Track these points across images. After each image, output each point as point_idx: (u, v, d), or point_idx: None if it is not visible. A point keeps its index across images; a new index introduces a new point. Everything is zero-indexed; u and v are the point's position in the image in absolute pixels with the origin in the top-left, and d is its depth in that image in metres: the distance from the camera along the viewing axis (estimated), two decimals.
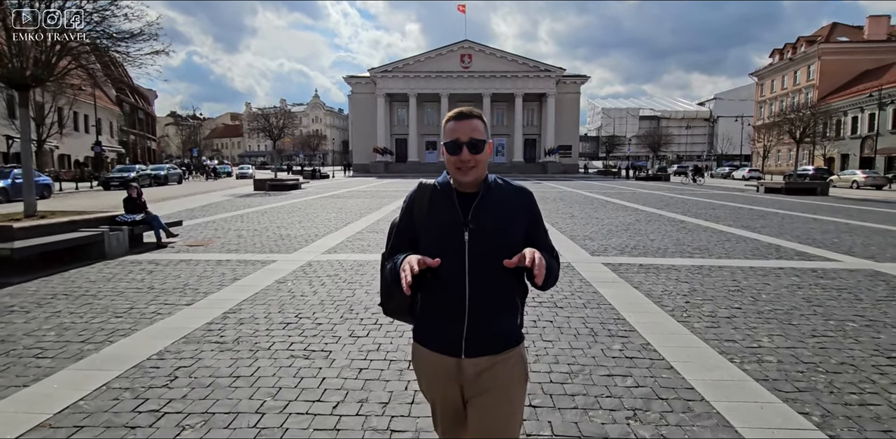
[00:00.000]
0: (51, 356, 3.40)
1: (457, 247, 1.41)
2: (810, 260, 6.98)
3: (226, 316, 4.28)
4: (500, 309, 1.46)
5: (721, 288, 5.34)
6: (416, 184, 1.57)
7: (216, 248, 7.68)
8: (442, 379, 1.46)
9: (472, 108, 1.49)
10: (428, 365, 1.49)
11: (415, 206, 1.51)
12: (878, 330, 4.00)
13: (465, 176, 1.43)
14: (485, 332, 1.43)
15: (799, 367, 3.25)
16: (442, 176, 1.54)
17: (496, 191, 1.48)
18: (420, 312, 1.52)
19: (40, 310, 4.46)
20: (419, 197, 1.52)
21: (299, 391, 2.87)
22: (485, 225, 1.41)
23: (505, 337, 1.47)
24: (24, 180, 7.15)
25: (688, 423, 2.53)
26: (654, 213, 13.40)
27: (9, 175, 17.92)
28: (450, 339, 1.43)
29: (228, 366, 3.21)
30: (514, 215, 1.46)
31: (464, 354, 1.42)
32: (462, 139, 1.42)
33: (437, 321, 1.46)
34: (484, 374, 1.43)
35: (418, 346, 1.51)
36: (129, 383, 2.97)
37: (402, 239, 1.53)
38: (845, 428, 2.49)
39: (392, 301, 1.57)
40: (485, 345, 1.43)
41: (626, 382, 3.01)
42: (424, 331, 1.50)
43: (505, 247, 1.39)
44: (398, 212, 1.56)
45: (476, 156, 1.42)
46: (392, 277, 1.45)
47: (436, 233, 1.44)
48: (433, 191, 1.51)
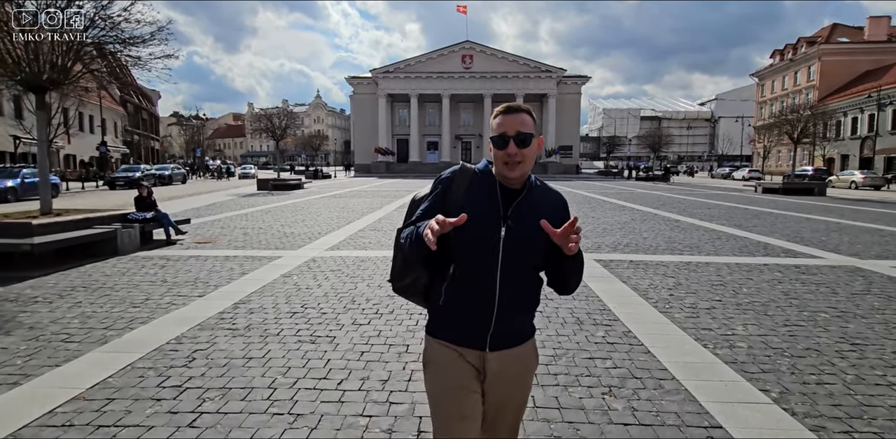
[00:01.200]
0: (77, 341, 3.69)
1: (492, 240, 1.38)
2: (795, 257, 7.24)
3: (236, 306, 4.57)
4: (526, 305, 1.48)
5: (705, 282, 5.61)
6: (457, 165, 1.52)
7: (223, 245, 7.97)
8: (461, 371, 1.44)
9: (520, 103, 1.45)
10: (448, 358, 1.45)
11: (453, 186, 1.45)
12: (848, 321, 4.27)
13: (513, 171, 1.39)
14: (510, 327, 1.44)
15: (767, 352, 3.53)
16: (483, 163, 1.50)
17: (537, 191, 1.47)
18: (443, 304, 1.46)
19: (62, 301, 4.75)
20: (459, 179, 1.46)
21: (307, 370, 3.15)
22: (523, 223, 1.39)
23: (526, 330, 1.52)
24: (40, 179, 7.45)
25: (657, 398, 2.80)
26: (649, 213, 13.66)
27: (18, 174, 18.27)
28: (475, 333, 1.43)
29: (241, 350, 3.50)
30: (551, 220, 1.38)
31: (488, 347, 1.43)
32: (509, 133, 1.38)
33: (462, 314, 1.43)
34: (504, 368, 1.45)
35: (435, 341, 1.48)
36: (152, 363, 3.26)
37: (428, 215, 1.42)
38: (799, 403, 2.77)
39: (405, 278, 1.54)
40: (508, 338, 1.45)
41: (605, 364, 3.29)
42: (445, 324, 1.48)
43: (537, 249, 1.40)
44: (400, 211, 1.73)
45: (523, 151, 1.38)
46: (411, 243, 1.38)
47: (471, 221, 1.33)
48: (474, 176, 1.46)
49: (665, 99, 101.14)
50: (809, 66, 49.92)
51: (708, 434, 2.43)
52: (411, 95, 50.54)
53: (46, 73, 6.92)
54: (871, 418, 2.61)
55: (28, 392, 2.86)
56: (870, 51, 46.35)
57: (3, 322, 4.12)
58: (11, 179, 17.82)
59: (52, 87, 7.21)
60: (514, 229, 1.39)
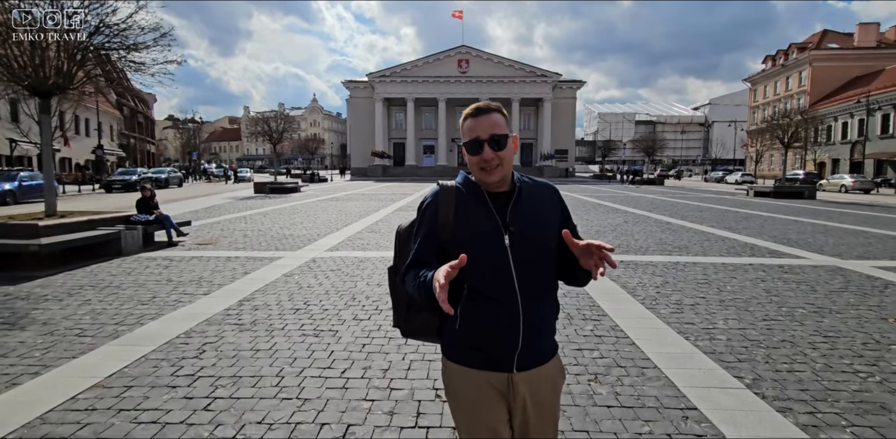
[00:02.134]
0: (90, 335, 3.87)
1: (499, 252, 1.30)
2: (780, 257, 7.49)
3: (241, 303, 4.76)
4: (552, 313, 1.38)
5: (691, 281, 5.84)
6: (434, 187, 1.43)
7: (224, 247, 8.15)
8: (492, 399, 1.34)
9: (489, 102, 1.37)
10: (473, 384, 1.34)
11: (440, 210, 1.35)
12: (824, 316, 4.50)
13: (491, 176, 1.32)
14: (538, 342, 1.34)
15: (744, 344, 3.75)
16: (460, 176, 1.43)
17: (527, 188, 1.38)
18: (461, 327, 1.35)
19: (72, 299, 4.92)
20: (444, 199, 1.36)
21: (312, 360, 3.35)
22: (526, 226, 1.32)
23: (552, 343, 1.41)
24: (45, 182, 7.61)
25: (639, 384, 3.02)
26: (642, 215, 13.92)
27: (15, 178, 18.36)
28: (501, 354, 1.32)
29: (249, 343, 3.69)
30: (550, 213, 1.37)
31: (515, 369, 1.33)
32: (482, 136, 1.30)
33: (483, 335, 1.32)
34: (533, 388, 1.35)
35: (457, 367, 1.36)
36: (165, 355, 3.44)
37: (427, 249, 1.36)
38: (770, 388, 2.98)
39: (415, 321, 1.45)
40: (536, 356, 1.35)
41: (592, 354, 3.50)
42: (463, 348, 1.36)
43: (548, 247, 1.34)
44: (397, 213, 1.62)
45: (500, 154, 1.31)
46: (422, 294, 1.27)
47: (470, 242, 1.30)
48: (458, 193, 1.37)
49: (660, 103, 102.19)
50: (800, 72, 50.60)
51: (684, 414, 2.64)
52: (408, 99, 50.88)
53: (52, 79, 7.10)
54: (835, 401, 2.83)
55: (49, 381, 3.04)
56: (859, 57, 47.08)
57: (17, 318, 4.29)
58: (9, 182, 17.91)
59: (58, 91, 7.39)
60: (517, 234, 1.31)
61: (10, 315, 4.39)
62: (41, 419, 2.57)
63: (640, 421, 2.58)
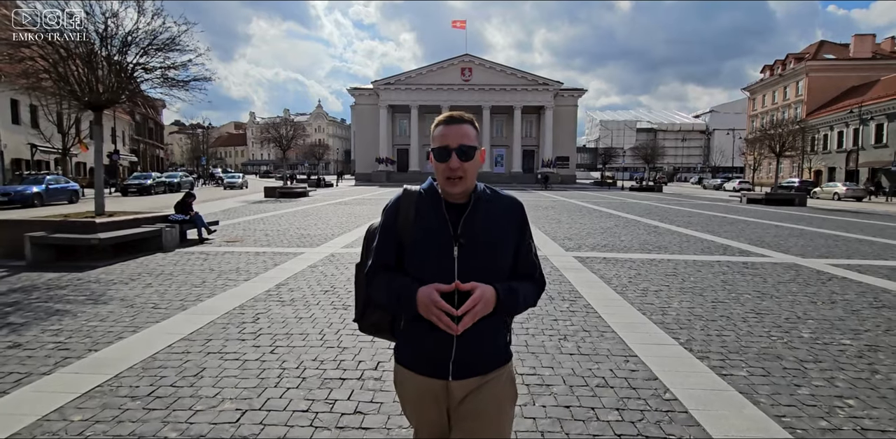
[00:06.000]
0: (163, 307, 4.80)
1: (445, 263, 1.34)
2: (748, 256, 8.39)
3: (278, 286, 5.70)
4: (489, 328, 1.37)
5: (660, 273, 6.75)
6: (399, 190, 1.49)
7: (250, 244, 9.10)
8: (428, 403, 1.40)
9: (462, 113, 1.42)
10: (412, 389, 1.42)
11: (399, 215, 1.42)
12: (763, 300, 5.41)
13: (454, 187, 1.36)
14: (474, 353, 1.36)
15: (689, 318, 4.66)
16: (427, 182, 1.47)
17: (486, 201, 1.40)
18: (403, 332, 1.42)
19: (135, 283, 5.87)
20: (404, 204, 1.43)
21: (345, 324, 4.28)
22: (476, 239, 1.34)
23: (494, 356, 1.41)
24: (95, 185, 8.59)
25: (597, 342, 3.93)
26: (633, 220, 14.83)
27: (43, 181, 19.41)
28: (436, 361, 1.36)
29: (292, 313, 4.62)
30: (505, 228, 1.39)
31: (451, 376, 1.36)
32: (451, 145, 1.34)
33: (421, 342, 1.38)
34: (471, 396, 1.38)
35: (401, 368, 1.44)
36: (228, 320, 4.38)
37: (386, 250, 1.43)
38: (697, 345, 3.89)
39: (371, 318, 1.51)
40: (473, 366, 1.37)
41: (565, 323, 4.42)
42: (408, 353, 1.42)
43: (496, 263, 1.37)
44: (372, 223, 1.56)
45: (465, 164, 1.34)
46: (391, 299, 1.36)
47: (422, 246, 1.36)
48: (419, 198, 1.42)
49: (661, 111, 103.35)
50: (798, 82, 51.59)
51: (626, 359, 3.56)
52: (412, 106, 52.03)
53: (105, 95, 8.11)
54: (744, 353, 3.74)
55: (145, 337, 3.97)
56: (855, 67, 48.05)
57: (98, 296, 5.24)
58: (37, 186, 18.96)
59: (108, 105, 8.39)
60: (467, 247, 1.34)
61: (91, 293, 5.34)
62: (153, 358, 3.50)
63: (592, 362, 3.50)
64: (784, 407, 2.88)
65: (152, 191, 28.21)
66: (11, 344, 3.75)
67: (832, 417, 2.76)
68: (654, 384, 3.16)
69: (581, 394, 3.01)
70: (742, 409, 2.82)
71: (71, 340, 3.84)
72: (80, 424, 2.58)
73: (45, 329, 4.11)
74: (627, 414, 2.76)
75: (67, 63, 7.94)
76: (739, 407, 2.84)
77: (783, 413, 2.80)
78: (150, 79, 8.50)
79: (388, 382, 3.15)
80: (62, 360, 3.44)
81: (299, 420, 2.66)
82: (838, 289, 5.98)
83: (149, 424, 2.59)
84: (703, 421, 2.67)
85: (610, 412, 2.80)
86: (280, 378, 3.19)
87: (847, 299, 5.46)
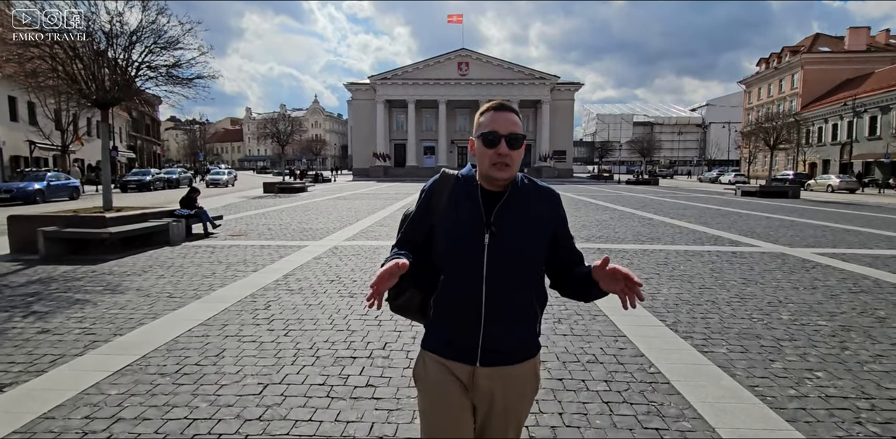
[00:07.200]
0: (178, 297, 5.05)
1: (476, 249, 1.33)
2: (737, 246, 8.68)
3: (286, 276, 5.95)
4: (517, 316, 1.38)
5: (652, 262, 7.03)
6: (438, 173, 1.49)
7: (254, 237, 9.34)
8: (452, 389, 1.37)
9: (509, 103, 1.38)
10: (438, 373, 1.39)
11: (434, 197, 1.43)
12: (748, 286, 5.69)
13: (502, 172, 1.33)
14: (501, 340, 1.36)
15: (676, 301, 4.94)
16: (466, 168, 1.46)
17: (523, 191, 1.40)
18: (433, 317, 1.43)
19: (148, 274, 6.11)
20: (440, 187, 1.44)
21: (352, 311, 4.54)
22: (508, 228, 1.34)
23: (522, 345, 1.41)
24: (103, 181, 8.81)
25: (589, 324, 4.21)
26: (628, 212, 15.11)
27: (44, 178, 19.57)
28: (464, 346, 1.36)
29: (302, 301, 4.88)
30: (540, 219, 1.38)
31: (479, 362, 1.36)
32: (502, 131, 1.33)
33: (450, 327, 1.39)
34: (497, 387, 1.38)
35: (428, 354, 1.42)
36: (242, 307, 4.64)
37: (416, 229, 1.45)
38: (682, 327, 4.17)
39: (400, 297, 1.46)
40: (501, 354, 1.37)
41: (559, 308, 4.69)
42: (436, 338, 1.42)
43: (525, 253, 1.36)
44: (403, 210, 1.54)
45: (513, 153, 1.33)
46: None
47: (453, 231, 1.36)
48: (456, 183, 1.43)
49: (657, 104, 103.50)
50: (793, 75, 51.84)
51: (615, 338, 3.84)
52: (409, 101, 52.10)
53: (112, 93, 8.30)
54: (726, 333, 4.02)
55: (166, 323, 4.22)
56: (849, 60, 48.30)
57: (114, 286, 5.48)
58: (39, 182, 19.12)
59: (115, 103, 8.58)
60: (498, 235, 1.33)
61: (107, 284, 5.59)
62: (175, 341, 3.76)
63: (584, 341, 3.78)
64: (758, 378, 3.16)
65: (151, 187, 28.37)
66: (40, 330, 4.00)
67: (800, 387, 3.04)
68: (640, 360, 3.43)
69: (573, 369, 3.28)
70: (719, 380, 3.10)
71: (95, 326, 4.10)
72: (118, 397, 2.84)
73: (69, 316, 4.36)
74: (615, 385, 3.04)
75: (75, 62, 8.13)
76: (717, 379, 3.12)
77: (757, 383, 3.08)
78: (154, 77, 8.64)
79: (395, 360, 3.42)
80: (91, 344, 3.70)
81: (317, 392, 2.93)
82: (821, 275, 6.26)
83: (180, 396, 2.85)
84: (682, 391, 2.95)
85: (599, 383, 3.07)
86: (296, 357, 3.45)
87: (828, 285, 5.75)
